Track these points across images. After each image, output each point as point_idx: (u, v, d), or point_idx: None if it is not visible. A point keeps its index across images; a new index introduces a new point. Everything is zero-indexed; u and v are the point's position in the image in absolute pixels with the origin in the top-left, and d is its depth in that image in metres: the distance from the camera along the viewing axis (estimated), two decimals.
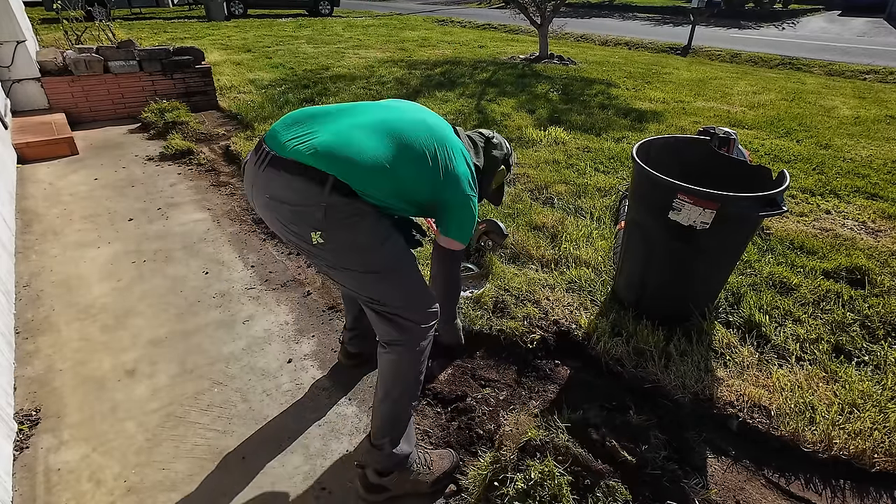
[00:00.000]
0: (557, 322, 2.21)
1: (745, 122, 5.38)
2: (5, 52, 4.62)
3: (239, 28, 12.61)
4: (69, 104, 5.05)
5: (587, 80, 7.39)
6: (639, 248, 2.15)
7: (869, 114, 5.85)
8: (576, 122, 5.17)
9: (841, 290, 2.43)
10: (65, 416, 1.79)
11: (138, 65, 5.31)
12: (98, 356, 2.08)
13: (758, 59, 10.18)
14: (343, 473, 1.61)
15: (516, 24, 14.22)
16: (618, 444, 1.56)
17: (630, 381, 1.93)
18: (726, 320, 2.23)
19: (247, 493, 1.54)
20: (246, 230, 3.14)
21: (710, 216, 1.80)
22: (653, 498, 1.50)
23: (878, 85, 8.01)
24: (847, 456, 1.62)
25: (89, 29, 7.36)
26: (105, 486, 1.55)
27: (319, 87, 6.40)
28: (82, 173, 3.90)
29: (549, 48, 9.11)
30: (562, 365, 2.06)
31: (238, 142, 4.46)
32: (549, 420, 1.64)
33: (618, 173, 3.87)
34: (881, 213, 3.29)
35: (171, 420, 1.79)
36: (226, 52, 8.99)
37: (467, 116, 5.30)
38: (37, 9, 13.93)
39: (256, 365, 2.05)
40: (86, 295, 2.46)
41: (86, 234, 3.00)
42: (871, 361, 2.01)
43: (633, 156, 2.03)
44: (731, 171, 2.10)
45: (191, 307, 2.40)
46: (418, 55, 9.18)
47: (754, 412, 1.77)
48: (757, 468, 1.65)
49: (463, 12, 20.73)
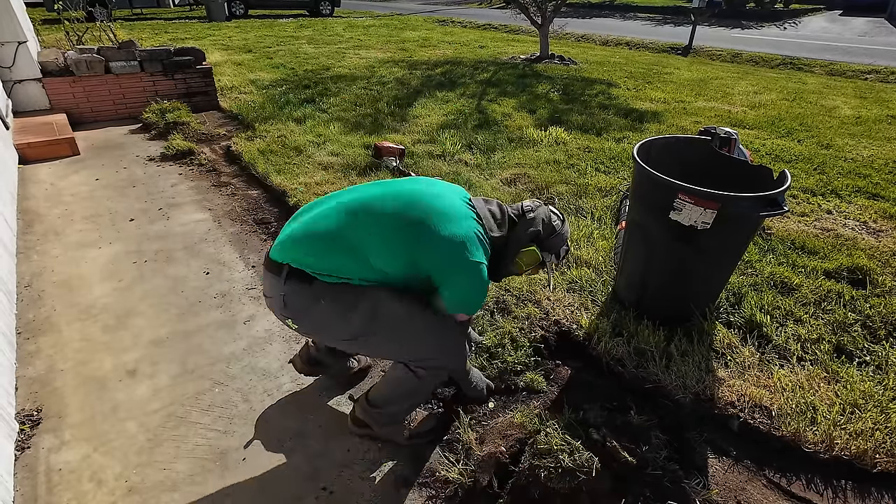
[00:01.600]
0: (558, 322, 2.21)
1: (746, 122, 5.37)
2: (7, 52, 4.63)
3: (240, 28, 12.61)
4: (70, 105, 5.05)
5: (588, 80, 7.38)
6: (640, 249, 2.15)
7: (870, 114, 5.84)
8: (576, 123, 5.17)
9: (842, 290, 2.43)
10: (66, 416, 1.79)
11: (139, 65, 5.32)
12: (99, 356, 2.08)
13: (759, 58, 10.17)
14: (344, 473, 1.61)
15: (517, 24, 14.22)
16: (618, 445, 1.56)
17: (631, 382, 1.93)
18: (727, 320, 2.23)
19: (248, 494, 1.54)
20: (247, 230, 3.14)
21: (710, 216, 1.79)
22: (654, 498, 1.49)
23: (880, 85, 7.99)
24: (848, 456, 1.62)
25: (90, 29, 7.37)
26: (106, 486, 1.55)
27: (320, 88, 6.41)
28: (83, 174, 3.90)
29: (549, 48, 9.11)
30: (562, 365, 2.06)
31: (239, 142, 4.46)
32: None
33: (618, 173, 3.87)
34: (882, 213, 3.29)
35: (172, 420, 1.79)
36: (227, 52, 8.99)
37: (468, 116, 5.30)
38: (38, 9, 13.93)
39: (257, 365, 2.05)
40: (87, 295, 2.46)
41: (87, 235, 3.01)
42: (873, 361, 2.01)
43: (634, 156, 2.02)
44: (732, 172, 2.10)
45: (192, 307, 2.40)
46: (419, 55, 9.18)
47: (755, 412, 1.77)
48: (758, 468, 1.65)
49: (464, 12, 20.73)
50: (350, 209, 1.42)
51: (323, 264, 1.37)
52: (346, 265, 1.38)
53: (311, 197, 3.33)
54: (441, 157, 4.17)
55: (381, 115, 5.30)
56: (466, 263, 1.38)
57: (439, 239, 1.36)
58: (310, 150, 4.28)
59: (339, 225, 1.39)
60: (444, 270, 1.40)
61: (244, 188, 3.77)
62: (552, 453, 1.52)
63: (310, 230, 1.41)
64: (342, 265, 1.38)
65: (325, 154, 4.19)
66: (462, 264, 1.38)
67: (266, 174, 3.77)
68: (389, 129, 4.92)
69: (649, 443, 1.58)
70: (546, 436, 1.58)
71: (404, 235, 1.38)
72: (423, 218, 1.38)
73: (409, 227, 1.38)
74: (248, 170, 3.99)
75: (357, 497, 1.54)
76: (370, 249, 1.38)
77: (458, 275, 1.40)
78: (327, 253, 1.38)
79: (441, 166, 3.96)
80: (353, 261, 1.38)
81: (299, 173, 3.77)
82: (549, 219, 1.61)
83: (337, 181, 3.65)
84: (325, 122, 5.06)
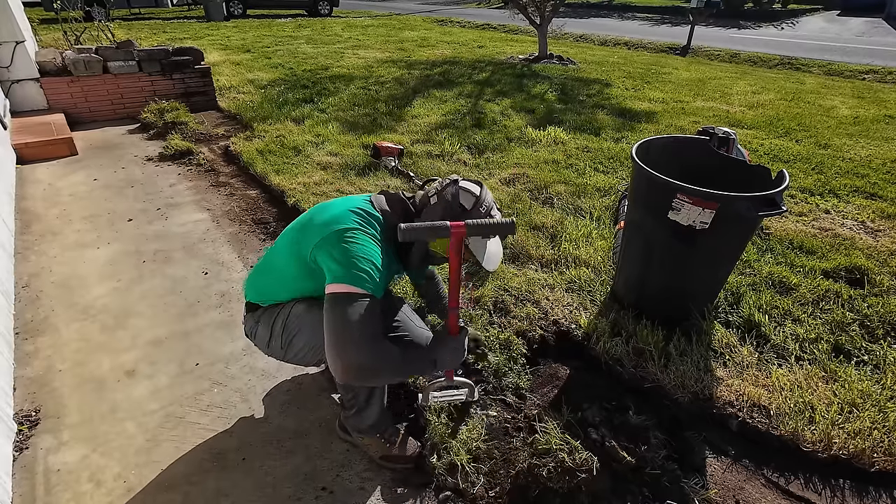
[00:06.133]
0: (557, 322, 2.21)
1: (745, 122, 5.38)
2: (4, 52, 4.61)
3: (238, 28, 12.60)
4: (68, 104, 5.04)
5: (586, 80, 7.39)
6: (638, 248, 2.15)
7: (868, 113, 5.85)
8: (575, 122, 5.18)
9: (840, 289, 2.44)
10: (64, 417, 1.79)
11: (137, 65, 5.31)
12: (98, 357, 2.07)
13: (757, 58, 10.19)
14: (344, 473, 1.61)
15: (515, 24, 14.23)
16: (617, 444, 1.56)
17: (630, 381, 1.94)
18: (726, 320, 2.24)
19: (247, 494, 1.54)
20: (245, 230, 3.14)
21: (709, 216, 1.80)
22: (653, 498, 1.50)
23: (877, 85, 8.01)
24: (846, 455, 1.62)
25: (88, 29, 7.35)
26: (105, 487, 1.55)
27: (318, 87, 6.41)
28: (82, 174, 3.89)
29: (548, 48, 9.11)
30: (561, 365, 2.06)
31: (237, 142, 4.46)
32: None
33: (617, 173, 3.87)
34: (880, 213, 3.30)
35: (170, 420, 1.79)
36: (225, 52, 8.98)
37: (466, 116, 5.30)
38: (36, 9, 13.90)
39: (256, 365, 2.05)
40: (85, 295, 2.46)
41: (85, 235, 3.00)
42: (871, 361, 2.02)
43: (633, 156, 2.03)
44: (731, 171, 2.10)
45: (190, 307, 2.40)
46: (417, 55, 9.18)
47: (754, 412, 1.78)
48: (756, 468, 1.65)
49: (462, 12, 20.73)
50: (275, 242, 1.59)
51: (256, 291, 1.57)
52: (269, 286, 1.53)
53: (310, 197, 3.33)
54: (440, 157, 4.17)
55: (379, 115, 5.30)
56: (331, 231, 1.32)
57: (318, 224, 1.38)
58: (308, 149, 4.27)
59: (266, 254, 1.60)
60: (318, 245, 1.33)
61: (243, 188, 3.77)
62: (551, 453, 1.52)
63: (254, 267, 1.64)
64: (265, 286, 1.54)
65: (323, 154, 4.19)
66: (327, 233, 1.33)
67: (265, 174, 3.77)
68: (388, 129, 4.91)
69: (648, 442, 1.59)
70: (545, 435, 1.58)
71: (293, 236, 1.47)
72: (308, 217, 1.47)
73: (297, 229, 1.47)
74: (247, 170, 3.99)
75: (357, 497, 1.53)
76: (277, 262, 1.51)
77: (327, 243, 1.31)
78: (257, 279, 1.58)
79: (440, 166, 3.96)
80: (272, 280, 1.52)
81: (298, 173, 3.77)
82: (454, 198, 1.40)
83: (335, 181, 3.65)
84: (323, 121, 5.05)
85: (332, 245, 1.29)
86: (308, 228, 1.40)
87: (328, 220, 1.36)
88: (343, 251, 1.27)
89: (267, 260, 1.57)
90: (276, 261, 1.51)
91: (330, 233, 1.32)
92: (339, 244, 1.29)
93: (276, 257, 1.52)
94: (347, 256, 1.27)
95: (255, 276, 1.60)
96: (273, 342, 1.52)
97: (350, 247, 1.28)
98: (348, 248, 1.28)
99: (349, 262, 1.26)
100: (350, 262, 1.26)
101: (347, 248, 1.28)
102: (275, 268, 1.51)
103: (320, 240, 1.32)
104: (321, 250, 1.31)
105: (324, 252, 1.30)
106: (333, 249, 1.29)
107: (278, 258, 1.50)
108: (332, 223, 1.34)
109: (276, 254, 1.53)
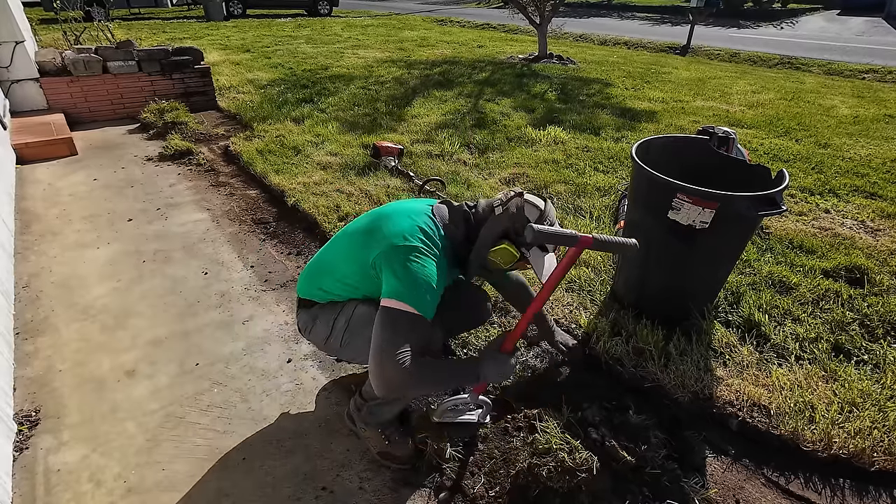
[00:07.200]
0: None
1: (745, 122, 5.38)
2: (4, 52, 4.61)
3: (238, 28, 12.59)
4: (68, 104, 5.04)
5: (586, 79, 7.39)
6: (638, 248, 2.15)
7: (868, 113, 5.85)
8: (575, 122, 5.18)
9: (840, 289, 2.44)
10: (64, 417, 1.79)
11: (137, 65, 5.31)
12: (98, 357, 2.07)
13: (757, 58, 10.19)
14: (344, 473, 1.61)
15: (515, 23, 14.23)
16: (617, 444, 1.56)
17: (630, 381, 1.94)
18: (726, 320, 2.24)
19: (247, 494, 1.54)
20: (245, 230, 3.14)
21: (709, 216, 1.80)
22: (653, 497, 1.50)
23: (877, 84, 8.01)
24: (846, 455, 1.62)
25: (88, 29, 7.35)
26: (105, 487, 1.55)
27: (318, 87, 6.40)
28: (81, 174, 3.89)
29: (547, 48, 9.11)
30: (561, 364, 2.06)
31: (237, 142, 4.46)
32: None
33: (617, 173, 3.87)
34: (880, 212, 3.30)
35: (170, 420, 1.79)
36: (225, 52, 8.98)
37: (466, 116, 5.30)
38: (36, 9, 13.90)
39: (256, 365, 2.05)
40: (85, 295, 2.46)
41: (85, 235, 3.00)
42: (871, 360, 2.02)
43: (633, 155, 2.03)
44: (731, 171, 2.10)
45: (190, 307, 2.40)
46: (417, 55, 9.18)
47: (754, 411, 1.77)
48: (757, 467, 1.65)
49: (462, 12, 20.73)
50: (334, 237, 1.65)
51: (314, 288, 1.60)
52: (328, 284, 1.56)
53: (309, 197, 3.33)
54: (439, 157, 4.17)
55: (379, 115, 5.29)
56: (394, 247, 1.37)
57: (385, 233, 1.42)
58: (308, 149, 4.27)
59: (322, 252, 1.65)
60: (382, 260, 1.38)
61: (242, 188, 3.77)
62: (551, 452, 1.52)
63: (308, 263, 1.67)
64: (324, 285, 1.57)
65: (323, 154, 4.19)
66: (393, 248, 1.37)
67: (264, 174, 3.77)
68: (388, 129, 4.91)
69: (648, 442, 1.59)
70: (545, 435, 1.58)
71: (358, 240, 1.49)
72: (374, 223, 1.49)
73: (363, 233, 1.49)
74: (247, 169, 3.99)
75: (357, 497, 1.54)
76: (339, 263, 1.55)
77: (391, 260, 1.36)
78: (315, 277, 1.61)
79: (440, 166, 3.96)
80: (332, 279, 1.55)
81: (298, 173, 3.77)
82: (519, 210, 1.45)
83: (335, 181, 3.65)
84: (323, 121, 5.05)
85: (396, 261, 1.35)
86: (374, 236, 1.43)
87: (396, 233, 1.40)
88: (406, 270, 1.34)
89: (325, 259, 1.61)
90: (336, 261, 1.56)
91: (396, 247, 1.37)
92: (403, 262, 1.35)
93: (336, 258, 1.57)
94: (408, 275, 1.33)
95: (312, 273, 1.62)
96: (332, 339, 1.55)
97: (412, 266, 1.34)
98: (410, 268, 1.34)
99: (409, 281, 1.33)
100: (409, 281, 1.33)
101: (409, 268, 1.34)
102: (336, 268, 1.55)
103: (385, 252, 1.38)
104: (384, 262, 1.37)
105: (387, 265, 1.37)
106: (396, 265, 1.35)
107: (339, 259, 1.55)
108: (398, 237, 1.39)
109: (336, 254, 1.58)
